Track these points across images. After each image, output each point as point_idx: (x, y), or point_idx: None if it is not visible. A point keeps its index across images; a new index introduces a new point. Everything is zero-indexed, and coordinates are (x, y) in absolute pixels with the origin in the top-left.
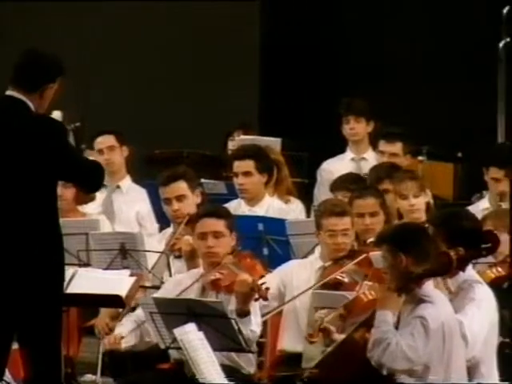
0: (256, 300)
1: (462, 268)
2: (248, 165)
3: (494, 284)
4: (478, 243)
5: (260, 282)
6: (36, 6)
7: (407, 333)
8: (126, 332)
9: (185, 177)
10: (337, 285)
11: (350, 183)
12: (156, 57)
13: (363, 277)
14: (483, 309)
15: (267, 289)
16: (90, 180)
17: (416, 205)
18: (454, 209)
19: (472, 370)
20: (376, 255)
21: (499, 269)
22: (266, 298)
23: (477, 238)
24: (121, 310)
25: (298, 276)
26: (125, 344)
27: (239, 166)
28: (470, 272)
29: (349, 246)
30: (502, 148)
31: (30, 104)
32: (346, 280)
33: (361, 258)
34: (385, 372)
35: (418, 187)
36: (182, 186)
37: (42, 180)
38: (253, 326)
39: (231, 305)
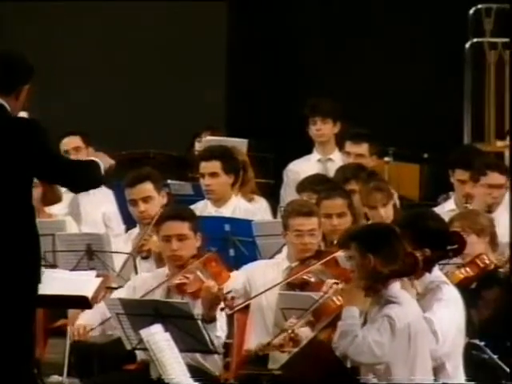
0: (222, 310)
1: (429, 269)
2: (214, 166)
3: (462, 285)
4: (444, 244)
5: (225, 291)
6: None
7: (374, 328)
8: (95, 324)
9: (150, 178)
10: (303, 285)
11: (316, 184)
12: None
13: (330, 277)
14: (451, 309)
15: (233, 298)
16: (74, 180)
17: (386, 213)
18: (420, 209)
19: (438, 370)
20: (343, 256)
21: (467, 269)
22: (232, 308)
23: (443, 239)
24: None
25: (264, 276)
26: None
27: (206, 166)
28: (437, 273)
29: (316, 246)
30: (467, 150)
31: (8, 106)
32: (312, 280)
33: (328, 258)
34: (349, 364)
35: (385, 197)
36: (147, 188)
37: (22, 181)
38: (218, 331)
39: (197, 308)
